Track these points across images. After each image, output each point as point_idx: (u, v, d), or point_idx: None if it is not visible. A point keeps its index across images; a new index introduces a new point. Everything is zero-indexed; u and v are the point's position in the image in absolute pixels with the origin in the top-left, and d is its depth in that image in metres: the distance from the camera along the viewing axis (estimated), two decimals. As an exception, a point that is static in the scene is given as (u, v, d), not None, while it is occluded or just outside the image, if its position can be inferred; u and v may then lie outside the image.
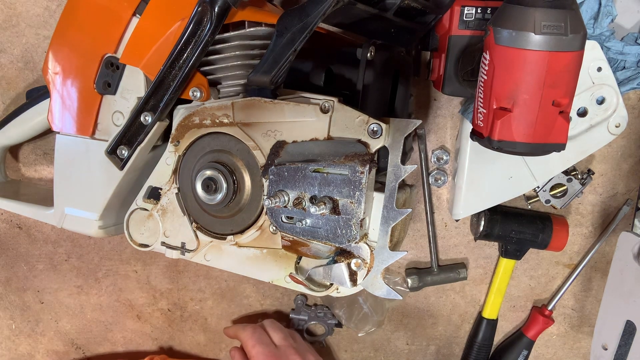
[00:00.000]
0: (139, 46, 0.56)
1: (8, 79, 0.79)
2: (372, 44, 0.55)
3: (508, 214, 0.74)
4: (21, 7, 0.75)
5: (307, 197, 0.52)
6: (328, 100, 0.51)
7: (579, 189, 0.72)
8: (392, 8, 0.53)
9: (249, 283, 0.85)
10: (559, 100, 0.50)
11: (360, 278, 0.53)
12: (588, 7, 0.63)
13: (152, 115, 0.57)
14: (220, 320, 0.88)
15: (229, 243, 0.59)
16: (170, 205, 0.61)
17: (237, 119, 0.55)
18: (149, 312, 0.89)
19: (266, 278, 0.58)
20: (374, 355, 0.87)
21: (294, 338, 0.75)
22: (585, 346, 0.82)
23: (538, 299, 0.80)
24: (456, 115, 0.73)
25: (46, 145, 0.82)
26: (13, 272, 0.90)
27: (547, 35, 0.47)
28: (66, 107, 0.62)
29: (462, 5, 0.60)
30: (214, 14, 0.51)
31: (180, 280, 0.86)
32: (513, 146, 0.51)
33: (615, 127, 0.65)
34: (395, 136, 0.50)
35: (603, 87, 0.64)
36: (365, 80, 0.56)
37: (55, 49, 0.61)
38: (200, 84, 0.56)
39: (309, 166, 0.51)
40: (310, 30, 0.48)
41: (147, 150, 0.60)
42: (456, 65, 0.62)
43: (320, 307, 0.84)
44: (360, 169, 0.49)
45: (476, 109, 0.54)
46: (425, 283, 0.79)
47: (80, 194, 0.65)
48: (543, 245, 0.74)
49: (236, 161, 0.57)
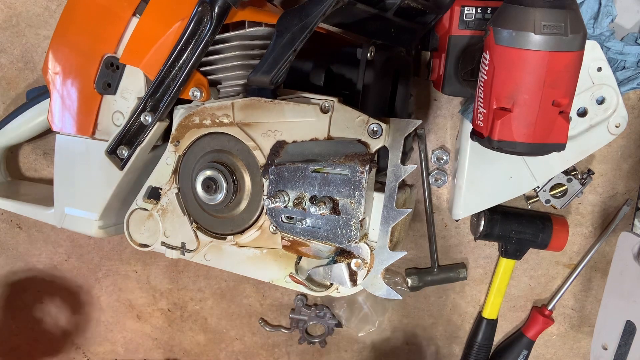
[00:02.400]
0: (139, 46, 0.56)
1: (8, 79, 0.79)
2: (372, 44, 0.55)
3: (508, 214, 0.74)
4: (21, 7, 0.75)
5: (307, 197, 0.52)
6: (328, 100, 0.51)
7: (579, 189, 0.72)
8: (392, 8, 0.53)
9: (249, 283, 0.85)
10: (559, 100, 0.50)
11: (360, 278, 0.53)
12: (588, 7, 0.63)
13: (152, 115, 0.57)
14: (220, 320, 0.88)
15: (229, 243, 0.59)
16: (170, 205, 0.61)
17: (237, 119, 0.55)
18: (149, 312, 0.89)
19: (266, 278, 0.58)
20: (374, 355, 0.87)
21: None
22: (585, 346, 0.82)
23: (538, 299, 0.80)
24: (456, 115, 0.73)
25: (46, 145, 0.82)
26: (13, 272, 0.90)
27: (547, 35, 0.47)
28: (66, 107, 0.62)
29: (462, 5, 0.60)
30: (214, 14, 0.51)
31: (180, 280, 0.86)
32: (513, 146, 0.51)
33: (615, 127, 0.65)
34: (395, 136, 0.50)
35: (603, 87, 0.64)
36: (365, 80, 0.56)
37: (55, 49, 0.61)
38: (200, 84, 0.56)
39: (309, 166, 0.51)
40: (310, 30, 0.48)
41: (147, 150, 0.60)
42: (456, 65, 0.62)
43: (320, 307, 0.84)
44: (360, 169, 0.49)
45: (476, 109, 0.54)
46: (425, 283, 0.79)
47: (80, 194, 0.65)
48: (543, 245, 0.74)
49: (236, 161, 0.57)
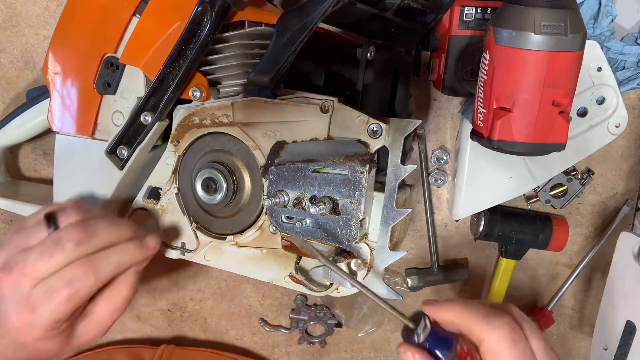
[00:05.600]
0: (138, 46, 0.56)
1: (8, 79, 0.79)
2: (372, 44, 0.55)
3: (508, 214, 0.74)
4: (21, 7, 0.75)
5: (307, 197, 0.52)
6: (328, 100, 0.51)
7: (579, 189, 0.72)
8: (392, 8, 0.53)
9: (249, 283, 0.85)
10: (559, 100, 0.50)
11: (360, 278, 0.53)
12: (588, 7, 0.63)
13: (152, 115, 0.57)
14: (220, 320, 0.88)
15: (229, 243, 0.59)
16: (170, 205, 0.61)
17: (237, 119, 0.55)
18: (148, 312, 0.89)
19: (266, 278, 0.58)
20: (374, 355, 0.86)
21: None
22: (585, 346, 0.82)
23: (538, 299, 0.80)
24: (456, 115, 0.73)
25: (46, 145, 0.82)
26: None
27: (547, 35, 0.47)
28: (66, 107, 0.62)
29: (462, 5, 0.60)
30: (214, 13, 0.51)
31: (180, 280, 0.86)
32: (513, 146, 0.51)
33: (615, 127, 0.65)
34: (395, 136, 0.50)
35: (603, 87, 0.64)
36: (365, 80, 0.56)
37: (55, 49, 0.61)
38: (200, 84, 0.56)
39: (309, 166, 0.51)
40: (310, 30, 0.48)
41: (147, 150, 0.60)
42: (456, 65, 0.62)
43: (320, 307, 0.84)
44: (360, 169, 0.49)
45: (476, 109, 0.54)
46: (425, 283, 0.78)
47: (80, 194, 0.65)
48: (543, 245, 0.74)
49: (236, 161, 0.57)
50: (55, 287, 0.47)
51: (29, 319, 0.47)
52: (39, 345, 0.50)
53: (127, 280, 0.53)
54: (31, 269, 0.47)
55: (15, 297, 0.47)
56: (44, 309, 0.47)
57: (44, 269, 0.47)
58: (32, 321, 0.47)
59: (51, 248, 0.47)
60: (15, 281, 0.47)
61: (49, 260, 0.47)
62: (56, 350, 0.52)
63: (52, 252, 0.47)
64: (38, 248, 0.48)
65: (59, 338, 0.50)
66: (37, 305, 0.47)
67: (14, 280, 0.47)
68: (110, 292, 0.52)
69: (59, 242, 0.47)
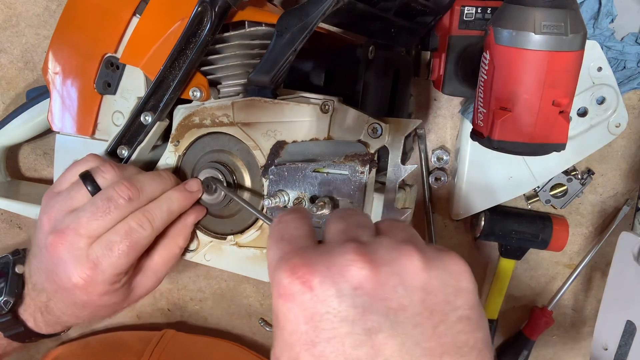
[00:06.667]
0: (139, 46, 0.56)
1: (8, 79, 0.79)
2: (372, 43, 0.55)
3: (508, 214, 0.74)
4: (21, 7, 0.75)
5: (307, 197, 0.52)
6: (328, 100, 0.51)
7: (579, 189, 0.72)
8: (392, 8, 0.53)
9: (249, 283, 0.85)
10: (559, 100, 0.50)
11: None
12: (588, 7, 0.63)
13: (152, 115, 0.57)
14: (220, 320, 0.88)
15: (229, 243, 0.59)
16: (170, 205, 0.61)
17: (237, 119, 0.55)
18: (149, 312, 0.89)
19: (266, 278, 0.58)
20: (374, 355, 0.86)
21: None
22: (585, 346, 0.82)
23: (538, 299, 0.80)
24: (456, 115, 0.73)
25: (46, 145, 0.82)
26: (13, 272, 0.89)
27: (547, 35, 0.47)
28: (66, 107, 0.62)
29: (462, 5, 0.60)
30: (214, 13, 0.51)
31: (180, 280, 0.86)
32: (513, 146, 0.51)
33: (615, 127, 0.65)
34: (395, 136, 0.50)
35: (603, 87, 0.64)
36: (365, 80, 0.56)
37: (55, 49, 0.61)
38: (200, 84, 0.56)
39: (309, 166, 0.51)
40: (310, 30, 0.48)
41: (147, 150, 0.60)
42: (456, 65, 0.62)
43: (320, 307, 0.84)
44: (361, 169, 0.49)
45: (476, 109, 0.54)
46: (425, 283, 0.78)
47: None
48: (543, 245, 0.73)
49: (236, 161, 0.57)
50: (114, 241, 0.49)
51: (92, 275, 0.49)
52: (103, 301, 0.52)
53: (181, 230, 0.56)
54: (86, 229, 0.49)
55: (73, 258, 0.49)
56: (105, 264, 0.49)
57: (100, 227, 0.49)
58: (96, 277, 0.49)
59: (104, 207, 0.49)
60: (71, 242, 0.49)
61: (104, 219, 0.49)
62: (117, 304, 0.54)
63: (106, 210, 0.49)
64: (89, 208, 0.49)
65: (121, 291, 0.53)
66: (99, 261, 0.49)
67: (69, 242, 0.49)
68: (165, 242, 0.55)
69: (111, 200, 0.49)
